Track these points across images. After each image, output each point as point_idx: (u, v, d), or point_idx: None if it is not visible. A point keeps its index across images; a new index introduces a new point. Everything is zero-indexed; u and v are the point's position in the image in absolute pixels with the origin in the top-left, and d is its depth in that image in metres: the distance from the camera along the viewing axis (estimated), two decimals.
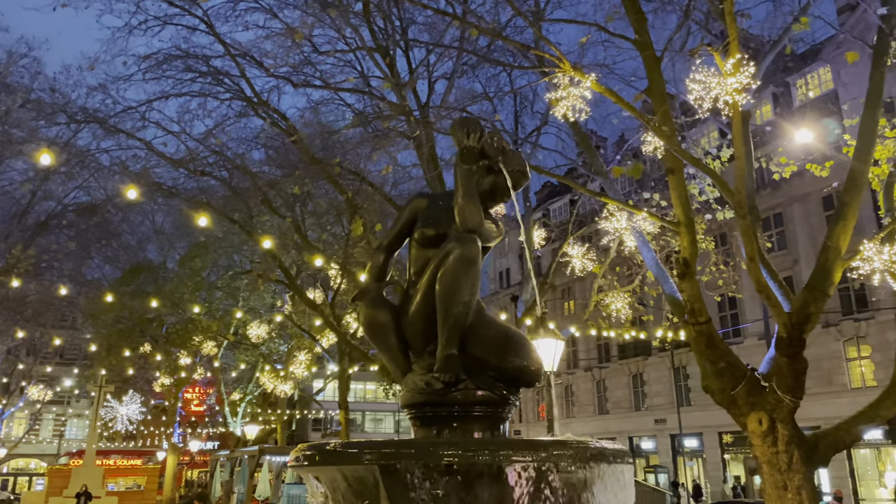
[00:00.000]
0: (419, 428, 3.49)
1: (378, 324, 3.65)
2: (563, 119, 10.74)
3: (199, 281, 31.01)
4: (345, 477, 2.81)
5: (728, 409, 11.82)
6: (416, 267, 3.74)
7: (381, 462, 2.65)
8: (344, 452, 2.87)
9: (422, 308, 3.49)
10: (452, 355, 3.29)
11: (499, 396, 3.33)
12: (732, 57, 8.55)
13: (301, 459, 3.10)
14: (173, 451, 41.77)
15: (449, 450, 2.63)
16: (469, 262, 3.30)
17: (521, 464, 2.58)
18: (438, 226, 3.69)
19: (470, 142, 3.60)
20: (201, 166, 18.64)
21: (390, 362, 3.72)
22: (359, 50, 17.70)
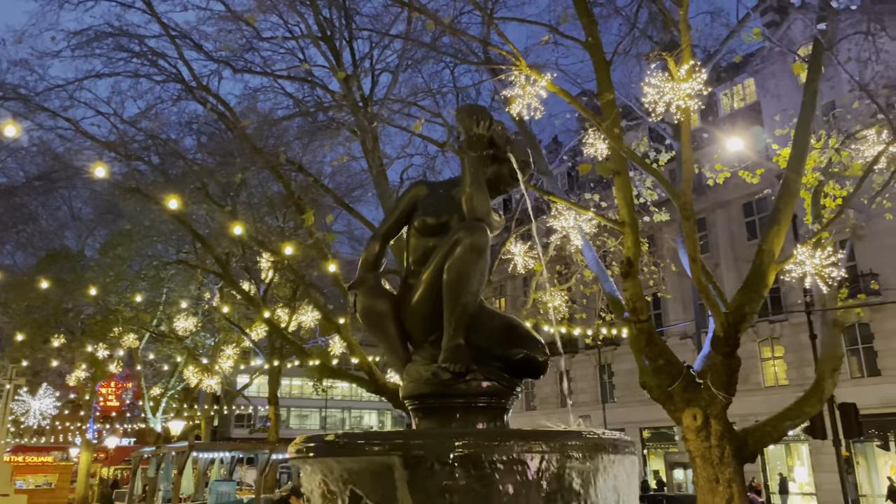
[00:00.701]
0: (422, 419, 3.44)
1: (377, 313, 3.58)
2: (515, 118, 10.83)
3: (123, 270, 29.66)
4: (356, 468, 2.74)
5: (664, 405, 12.20)
6: (415, 256, 3.69)
7: (405, 452, 2.60)
8: (366, 443, 2.79)
9: (425, 297, 3.43)
10: (460, 345, 3.25)
11: (504, 387, 3.32)
12: (686, 63, 8.83)
13: (308, 451, 2.99)
14: (87, 447, 39.96)
15: (483, 440, 2.61)
16: (479, 251, 3.28)
17: (549, 454, 2.58)
18: (440, 214, 3.64)
19: (479, 130, 3.58)
20: (133, 150, 17.84)
21: (389, 352, 3.65)
22: (303, 38, 17.32)
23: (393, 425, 79.98)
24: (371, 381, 17.07)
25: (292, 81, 19.63)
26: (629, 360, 38.76)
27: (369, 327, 3.71)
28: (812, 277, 10.23)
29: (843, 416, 17.16)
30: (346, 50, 19.06)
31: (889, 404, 25.57)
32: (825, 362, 11.56)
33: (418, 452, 2.59)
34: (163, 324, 34.26)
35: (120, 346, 34.39)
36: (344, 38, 19.22)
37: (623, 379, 38.80)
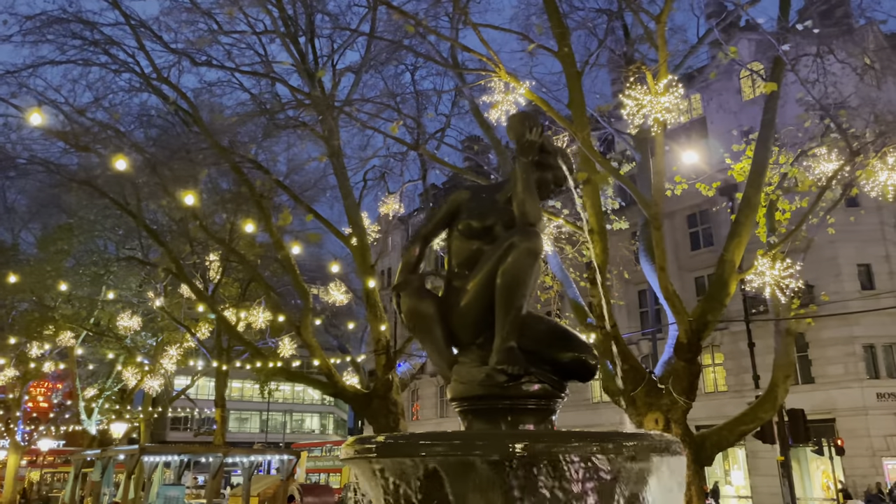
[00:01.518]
0: (472, 420, 3.46)
1: (423, 315, 3.58)
2: (494, 122, 10.95)
3: (61, 266, 28.48)
4: (425, 469, 2.74)
5: (626, 409, 12.49)
6: (459, 258, 3.71)
7: (485, 452, 2.61)
8: (446, 443, 2.80)
9: (475, 300, 3.45)
10: (514, 348, 3.29)
11: (554, 389, 3.38)
12: (663, 78, 9.10)
13: (375, 450, 2.96)
14: (16, 449, 38.14)
15: (562, 441, 2.65)
16: (535, 255, 3.33)
17: (619, 454, 2.65)
18: (484, 218, 3.68)
19: (532, 136, 3.63)
20: (84, 142, 17.18)
21: (435, 354, 3.64)
22: (268, 34, 17.07)
23: (335, 428, 79.17)
24: (330, 383, 16.89)
25: (251, 77, 19.30)
26: None
27: (414, 328, 3.71)
28: (771, 288, 10.65)
29: (792, 422, 17.88)
30: (307, 48, 18.88)
31: (822, 410, 26.77)
32: (779, 369, 12.05)
33: (501, 452, 2.62)
34: (101, 321, 33.04)
35: (55, 344, 33.00)
36: (306, 35, 19.03)
37: (571, 385, 39.35)
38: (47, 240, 27.73)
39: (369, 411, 16.70)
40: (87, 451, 19.77)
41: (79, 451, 34.17)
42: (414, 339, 3.95)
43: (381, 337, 16.51)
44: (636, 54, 14.65)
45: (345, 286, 22.35)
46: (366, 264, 16.84)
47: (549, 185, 3.78)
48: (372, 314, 16.72)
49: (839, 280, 28.34)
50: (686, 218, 35.81)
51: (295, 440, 60.92)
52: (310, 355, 17.23)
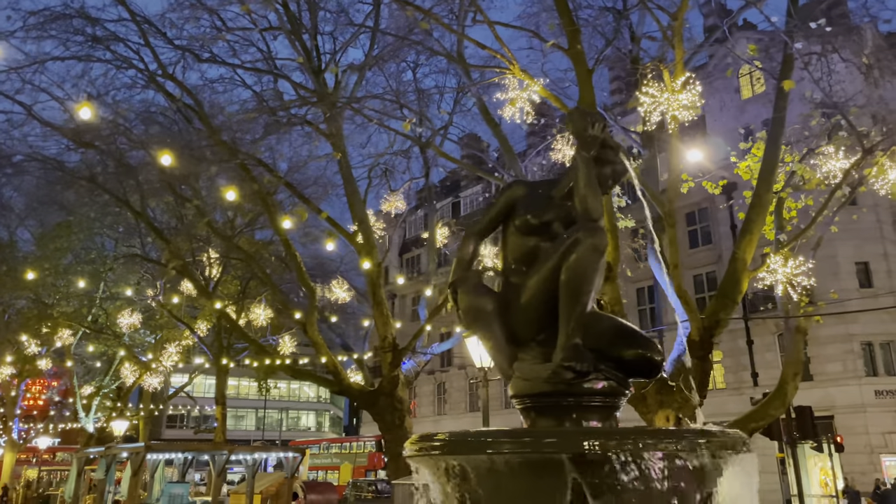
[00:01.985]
0: (535, 417, 3.45)
1: (482, 311, 3.57)
2: (508, 119, 10.94)
3: (59, 263, 28.33)
4: (496, 467, 2.73)
5: (636, 407, 12.51)
6: (515, 255, 3.70)
7: (574, 450, 2.61)
8: (533, 440, 2.80)
9: (537, 296, 3.45)
10: (579, 345, 3.29)
11: (619, 387, 3.38)
12: (679, 77, 9.11)
13: (446, 448, 2.94)
14: (12, 447, 37.97)
15: (648, 438, 2.66)
16: (600, 251, 3.33)
17: (701, 451, 2.66)
18: (541, 214, 3.67)
19: (594, 132, 3.63)
20: (88, 138, 17.09)
21: (495, 350, 3.64)
22: (274, 30, 17.00)
23: (331, 426, 79.09)
24: (336, 380, 16.87)
25: (252, 74, 19.23)
26: None
27: (472, 325, 3.70)
28: (783, 285, 10.69)
29: (799, 418, 17.96)
30: (312, 45, 18.80)
31: (820, 408, 26.89)
32: (788, 366, 12.10)
33: (589, 449, 2.62)
34: (100, 319, 32.90)
35: (53, 342, 32.84)
36: (309, 32, 18.96)
37: None
38: (46, 237, 27.53)
39: (375, 408, 16.68)
40: (90, 449, 19.69)
41: (80, 448, 34.10)
42: (474, 333, 3.92)
43: (388, 334, 16.49)
44: (641, 53, 14.72)
45: (347, 283, 22.31)
46: (373, 262, 16.81)
47: (608, 181, 3.78)
48: (378, 311, 16.69)
49: (837, 278, 28.47)
50: (685, 216, 35.90)
51: (291, 438, 60.85)
52: (315, 353, 17.20)
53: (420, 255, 49.62)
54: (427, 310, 19.39)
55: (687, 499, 2.75)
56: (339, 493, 30.96)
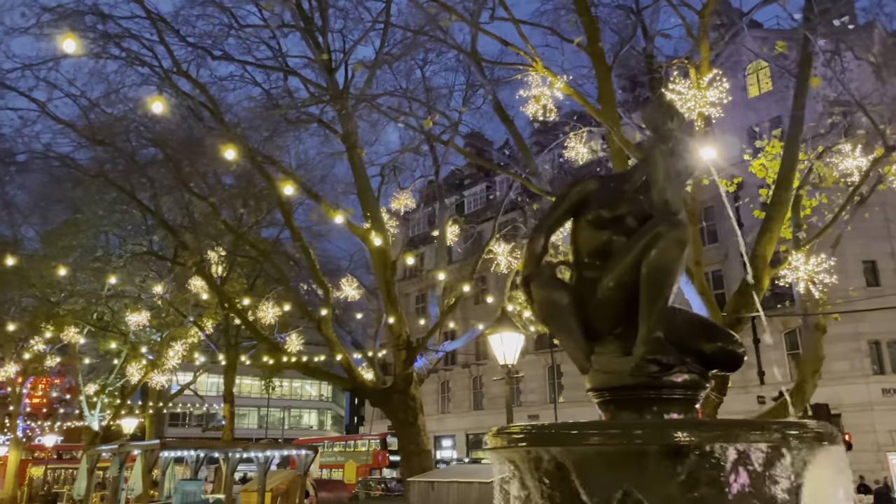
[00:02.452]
0: (615, 411, 3.45)
1: (557, 305, 3.56)
2: (531, 117, 10.94)
3: (66, 261, 28.25)
4: (588, 459, 2.74)
5: None
6: (588, 249, 3.69)
7: (666, 442, 2.62)
8: (623, 433, 2.80)
9: (615, 290, 3.44)
10: (661, 339, 3.29)
11: (700, 380, 3.38)
12: (705, 74, 9.11)
13: (544, 440, 2.92)
14: (17, 445, 37.94)
15: (753, 431, 2.67)
16: (683, 245, 3.33)
17: (789, 443, 2.67)
18: (615, 208, 3.67)
19: (672, 125, 3.64)
20: (102, 135, 17.07)
21: (571, 344, 3.63)
22: (288, 27, 16.98)
23: (333, 424, 79.08)
24: (350, 378, 16.87)
25: (262, 72, 19.22)
26: None
27: (547, 319, 3.70)
28: (805, 283, 10.69)
29: (816, 416, 17.94)
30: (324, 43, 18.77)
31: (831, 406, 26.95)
32: (806, 364, 12.11)
33: (682, 441, 2.63)
34: (105, 316, 32.87)
35: (59, 340, 32.82)
36: (320, 31, 18.95)
37: (573, 380, 39.53)
38: (53, 235, 27.49)
39: (389, 406, 16.69)
40: (103, 447, 19.68)
41: (86, 446, 34.04)
42: (548, 327, 3.91)
43: (402, 332, 16.49)
44: (648, 50, 14.74)
45: (357, 281, 22.30)
46: (386, 260, 16.80)
47: (679, 175, 3.78)
48: (392, 309, 16.68)
49: (845, 276, 28.48)
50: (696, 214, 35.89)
51: (293, 436, 60.82)
52: (330, 351, 17.20)
53: (424, 253, 49.57)
54: (438, 307, 19.38)
55: (777, 491, 2.75)
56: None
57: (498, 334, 10.14)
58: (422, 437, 16.86)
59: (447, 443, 47.84)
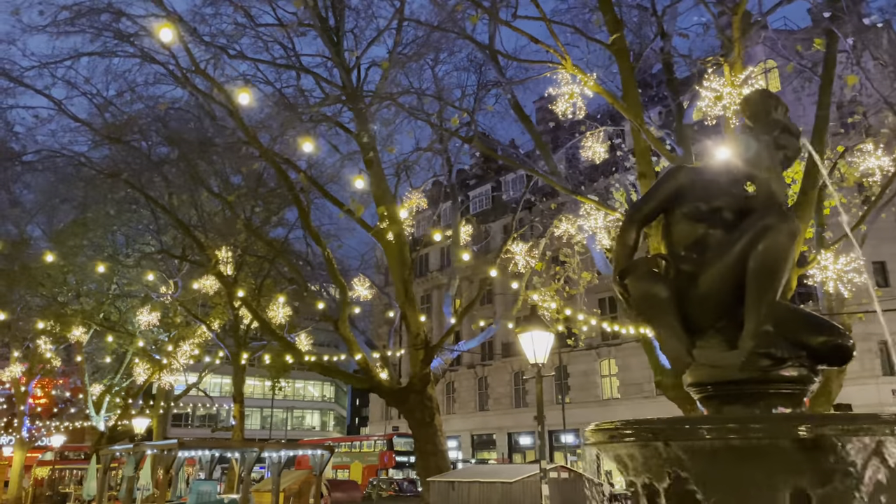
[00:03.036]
0: (718, 406, 3.40)
1: (657, 299, 3.50)
2: (561, 116, 10.89)
3: (75, 261, 28.20)
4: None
5: (680, 405, 12.47)
6: (684, 242, 3.64)
7: (803, 434, 2.58)
8: (760, 425, 2.75)
9: (719, 283, 3.40)
10: (770, 332, 3.25)
11: (811, 374, 3.33)
12: (738, 72, 9.07)
13: (666, 435, 2.86)
14: (21, 446, 37.85)
15: (884, 424, 2.62)
16: (794, 236, 3.28)
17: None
18: (711, 200, 3.62)
19: (776, 115, 3.59)
20: (117, 133, 17.02)
21: (671, 338, 3.57)
22: (307, 27, 16.94)
23: (335, 425, 79.03)
24: (367, 378, 16.80)
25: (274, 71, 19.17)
26: (584, 361, 39.65)
27: (645, 313, 3.65)
28: (834, 282, 10.65)
29: None
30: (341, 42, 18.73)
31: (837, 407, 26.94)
32: None
33: (822, 434, 2.59)
34: (112, 316, 32.81)
35: (65, 340, 32.78)
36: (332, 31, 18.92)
37: (578, 380, 39.52)
38: (63, 234, 27.43)
39: (406, 406, 16.63)
40: (116, 446, 19.62)
41: (93, 447, 33.93)
42: (645, 322, 3.85)
43: (420, 331, 16.43)
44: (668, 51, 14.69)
45: (368, 281, 22.26)
46: (403, 258, 16.75)
47: (783, 166, 3.73)
48: (410, 309, 16.62)
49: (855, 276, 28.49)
50: None
51: (297, 437, 60.76)
52: (347, 350, 17.14)
53: (428, 253, 49.51)
54: (452, 307, 19.32)
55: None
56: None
57: (528, 333, 10.09)
58: (438, 438, 16.81)
59: (452, 444, 47.74)
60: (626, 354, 37.36)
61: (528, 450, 42.24)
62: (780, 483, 2.64)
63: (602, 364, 39.35)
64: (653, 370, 12.91)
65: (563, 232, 15.21)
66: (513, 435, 42.98)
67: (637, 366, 36.75)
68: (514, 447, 42.92)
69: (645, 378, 36.69)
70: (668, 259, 3.71)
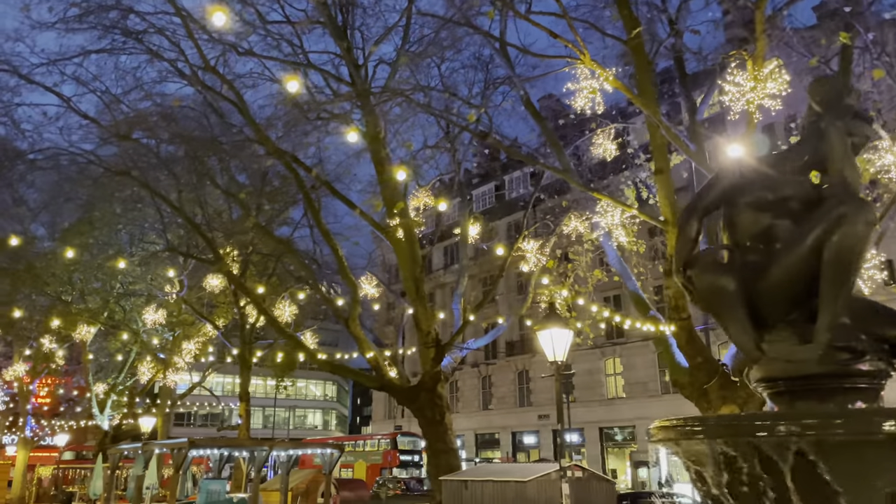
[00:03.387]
0: (790, 402, 3.31)
1: (724, 291, 3.41)
2: (579, 110, 10.80)
3: (80, 260, 28.10)
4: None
5: (696, 403, 12.38)
6: (750, 232, 3.56)
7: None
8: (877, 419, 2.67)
9: (790, 274, 3.31)
10: (847, 325, 3.16)
11: (888, 367, 3.24)
12: (759, 68, 8.98)
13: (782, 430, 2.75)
14: (25, 445, 37.75)
15: None
16: (872, 225, 3.19)
17: None
18: (777, 189, 3.53)
19: (850, 100, 3.51)
20: (125, 130, 16.93)
21: (739, 332, 3.48)
22: (318, 24, 16.85)
23: (337, 424, 78.94)
24: (377, 376, 16.72)
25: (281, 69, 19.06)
26: (589, 360, 39.52)
27: (711, 306, 3.56)
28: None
29: None
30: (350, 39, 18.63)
31: None
32: None
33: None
34: (116, 315, 32.72)
35: (69, 338, 32.67)
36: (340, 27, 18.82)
37: (582, 379, 39.43)
38: (68, 233, 27.34)
39: (416, 404, 16.56)
40: (124, 445, 19.55)
41: (96, 446, 33.88)
42: (711, 314, 3.76)
43: (431, 329, 16.35)
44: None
45: (376, 279, 22.17)
46: (414, 256, 16.66)
47: (856, 153, 3.63)
48: (421, 307, 16.53)
49: (861, 276, 28.42)
50: None
51: (299, 436, 60.64)
52: (359, 349, 17.05)
53: (432, 252, 49.38)
54: (461, 305, 19.23)
55: None
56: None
57: (547, 330, 10.01)
58: (449, 436, 16.75)
59: (456, 443, 47.68)
60: (631, 353, 37.29)
61: (531, 449, 42.16)
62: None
63: (607, 363, 39.27)
64: (668, 368, 12.83)
65: (572, 230, 15.13)
66: (517, 434, 42.91)
67: (642, 365, 36.69)
68: (518, 446, 42.83)
69: (650, 377, 36.61)
70: (733, 250, 3.61)
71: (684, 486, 33.38)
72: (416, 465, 40.92)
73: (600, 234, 13.32)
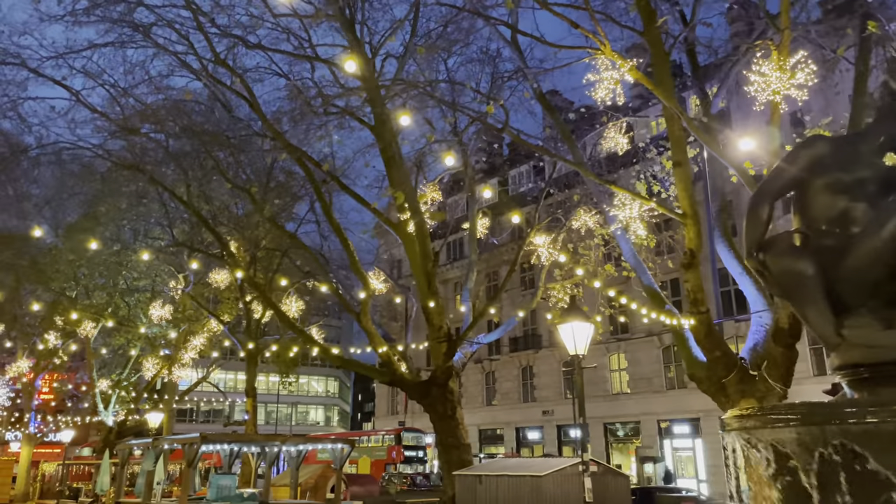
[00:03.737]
0: (873, 388, 3.22)
1: (802, 276, 3.32)
2: (599, 102, 10.72)
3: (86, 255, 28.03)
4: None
5: (714, 397, 12.32)
6: (826, 215, 3.47)
7: None
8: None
9: (870, 258, 3.22)
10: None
11: None
12: (783, 59, 8.90)
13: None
14: (29, 441, 37.71)
15: None
16: None
17: None
18: (853, 170, 3.44)
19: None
20: (135, 123, 16.83)
21: (817, 317, 3.39)
22: (321, 18, 16.74)
23: (339, 420, 78.97)
24: (388, 371, 16.65)
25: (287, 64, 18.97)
26: (593, 355, 39.40)
27: (788, 291, 3.46)
28: None
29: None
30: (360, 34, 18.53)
31: None
32: None
33: None
34: (121, 311, 32.65)
35: (74, 334, 32.62)
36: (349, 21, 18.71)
37: (587, 374, 39.27)
38: (74, 228, 27.24)
39: (428, 399, 16.51)
40: (133, 441, 19.49)
41: (101, 442, 33.82)
42: (788, 299, 3.66)
43: (443, 324, 16.28)
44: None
45: (384, 274, 22.10)
46: (425, 251, 16.58)
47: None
48: (433, 301, 16.45)
49: None
50: None
51: (301, 432, 60.65)
52: (370, 343, 16.98)
53: (440, 247, 49.23)
54: (470, 300, 19.15)
55: None
56: None
57: (568, 324, 9.94)
58: (460, 431, 16.69)
59: (468, 437, 47.63)
60: (636, 349, 37.22)
61: (535, 444, 42.13)
62: None
63: (611, 358, 39.19)
64: (685, 363, 12.77)
65: (582, 224, 15.08)
66: (521, 429, 42.87)
67: (646, 360, 36.62)
68: (522, 441, 42.78)
69: (654, 372, 36.55)
70: (807, 234, 3.52)
71: (687, 481, 33.37)
72: (420, 461, 40.91)
73: (617, 227, 13.23)
